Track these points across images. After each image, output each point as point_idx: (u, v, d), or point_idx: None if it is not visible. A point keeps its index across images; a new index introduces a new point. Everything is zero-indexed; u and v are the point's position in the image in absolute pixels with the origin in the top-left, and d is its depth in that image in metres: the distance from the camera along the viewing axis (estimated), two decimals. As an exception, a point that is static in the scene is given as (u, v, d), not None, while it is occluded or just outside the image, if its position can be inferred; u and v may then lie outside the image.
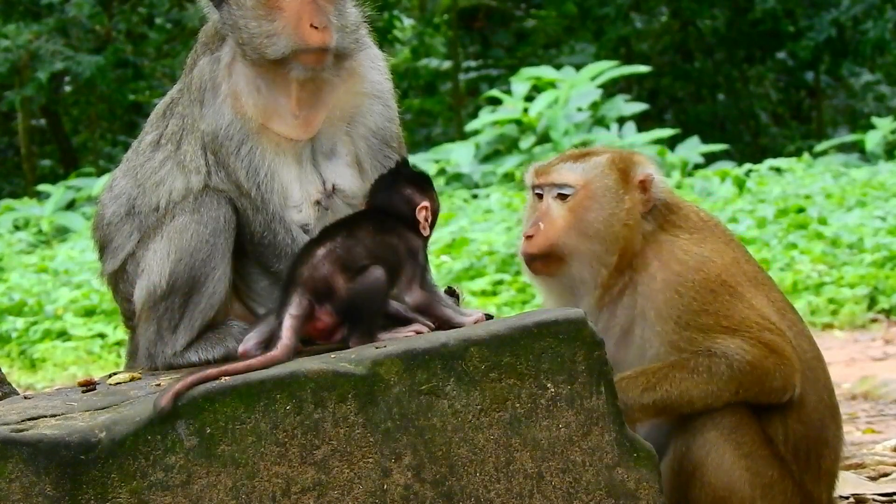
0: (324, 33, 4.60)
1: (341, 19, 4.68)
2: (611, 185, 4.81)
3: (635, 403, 4.57)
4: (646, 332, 4.69)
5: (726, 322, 4.65)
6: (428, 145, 26.33)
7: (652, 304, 4.69)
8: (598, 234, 4.76)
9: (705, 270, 4.71)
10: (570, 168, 4.84)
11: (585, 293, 4.78)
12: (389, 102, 4.84)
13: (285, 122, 4.70)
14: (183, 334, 4.69)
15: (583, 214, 4.77)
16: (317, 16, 4.60)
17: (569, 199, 4.79)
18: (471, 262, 15.22)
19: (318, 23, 4.60)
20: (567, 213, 4.78)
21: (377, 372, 4.07)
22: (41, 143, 31.85)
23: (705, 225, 4.91)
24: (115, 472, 3.88)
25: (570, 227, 4.77)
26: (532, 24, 34.74)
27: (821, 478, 4.80)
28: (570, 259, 4.77)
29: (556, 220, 4.79)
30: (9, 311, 14.95)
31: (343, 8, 4.71)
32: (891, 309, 13.43)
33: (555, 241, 4.76)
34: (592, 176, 4.81)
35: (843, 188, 18.77)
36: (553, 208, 4.81)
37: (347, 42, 4.69)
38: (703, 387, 4.59)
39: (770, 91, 34.00)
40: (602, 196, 4.79)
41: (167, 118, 4.87)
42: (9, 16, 28.06)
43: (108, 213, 4.88)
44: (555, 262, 4.78)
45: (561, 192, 4.81)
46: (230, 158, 4.68)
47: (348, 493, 4.02)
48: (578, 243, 4.76)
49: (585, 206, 4.78)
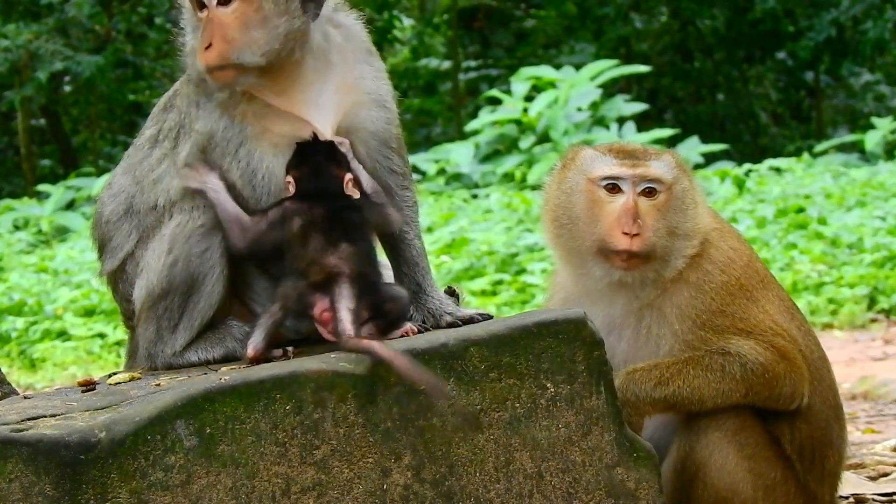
0: (207, 53, 4.53)
1: (248, 32, 4.54)
2: (685, 184, 4.81)
3: (647, 397, 4.57)
4: (663, 328, 4.70)
5: (742, 324, 4.66)
6: (428, 145, 26.34)
7: (674, 301, 4.69)
8: (684, 231, 4.74)
9: (728, 272, 4.72)
10: (659, 163, 4.77)
11: (648, 291, 4.74)
12: (389, 105, 4.82)
13: (286, 126, 4.68)
14: (182, 334, 4.69)
15: (671, 213, 4.74)
16: (203, 36, 4.54)
17: (656, 198, 4.74)
18: (470, 262, 15.21)
19: (201, 44, 4.54)
20: (656, 212, 4.73)
21: (377, 372, 4.07)
22: (41, 143, 31.86)
23: (719, 221, 4.93)
24: (115, 472, 3.88)
25: (662, 227, 4.71)
26: (532, 24, 34.76)
27: (824, 478, 4.80)
28: (658, 257, 4.72)
29: (651, 218, 4.71)
30: (8, 311, 14.95)
31: (251, 20, 4.55)
32: (890, 309, 13.43)
33: (654, 240, 4.70)
34: (673, 175, 4.78)
35: (843, 188, 18.77)
36: (643, 206, 4.72)
37: (252, 55, 4.52)
38: (714, 385, 4.59)
39: (770, 91, 34.01)
40: (682, 196, 4.78)
41: (167, 112, 4.86)
42: (9, 16, 28.06)
43: (107, 212, 4.88)
44: (647, 261, 4.71)
45: (651, 188, 4.74)
46: (226, 159, 4.67)
47: (348, 492, 4.02)
48: (668, 242, 4.72)
49: (672, 205, 4.75)
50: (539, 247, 15.18)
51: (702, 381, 4.58)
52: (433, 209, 18.63)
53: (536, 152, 21.51)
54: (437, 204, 19.46)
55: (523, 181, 20.64)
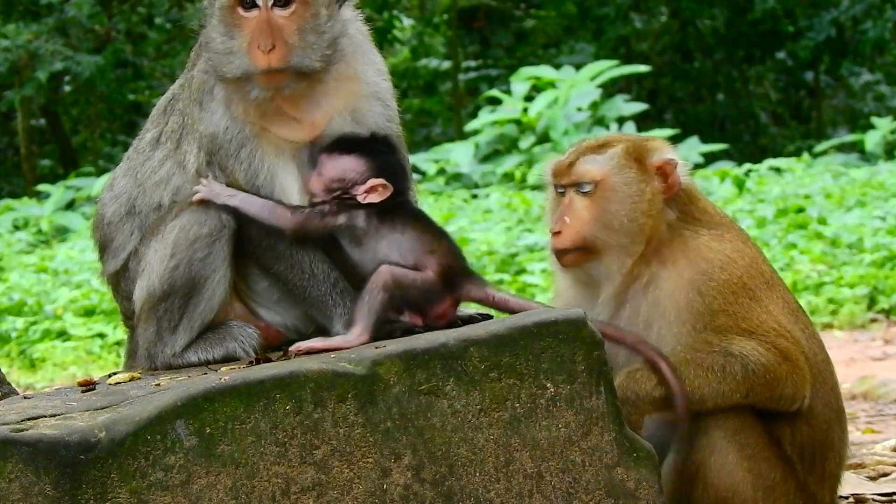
0: (269, 56, 4.52)
1: (305, 36, 4.56)
2: (629, 175, 4.80)
3: (647, 396, 4.57)
4: (663, 329, 4.69)
5: (744, 324, 4.65)
6: (427, 145, 26.34)
7: (673, 302, 4.69)
8: (622, 225, 4.76)
9: (729, 271, 4.71)
10: (588, 162, 4.83)
11: (609, 284, 4.78)
12: (389, 103, 4.83)
13: (287, 126, 4.69)
14: (182, 335, 4.69)
15: (605, 206, 4.77)
16: (262, 38, 4.52)
17: (590, 193, 4.80)
18: (470, 262, 15.19)
19: (263, 45, 4.52)
20: (590, 205, 4.78)
21: (377, 372, 4.07)
22: (41, 143, 31.84)
23: (722, 220, 4.92)
24: (115, 471, 3.88)
25: (595, 219, 4.77)
26: (532, 24, 34.74)
27: (825, 480, 4.80)
28: (599, 250, 4.77)
29: (581, 214, 4.78)
30: (8, 311, 14.95)
31: (307, 25, 4.57)
32: (890, 309, 13.43)
33: (582, 234, 4.77)
34: (609, 168, 4.80)
35: (843, 188, 18.77)
36: (576, 202, 4.80)
37: (311, 60, 4.56)
38: (715, 386, 4.59)
39: (770, 91, 34.01)
40: (621, 187, 4.79)
41: (168, 114, 4.86)
42: (8, 16, 28.05)
43: (109, 213, 4.88)
44: (584, 255, 4.79)
45: (581, 189, 4.81)
46: (229, 161, 4.67)
47: (348, 492, 4.02)
48: (605, 235, 4.76)
49: (607, 198, 4.78)
50: (539, 247, 15.19)
51: (702, 381, 4.58)
52: (433, 209, 18.62)
53: (536, 152, 21.51)
54: (437, 204, 19.46)
55: (523, 181, 20.65)
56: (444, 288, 4.47)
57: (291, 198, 4.68)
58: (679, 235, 4.78)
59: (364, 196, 4.55)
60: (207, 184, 4.62)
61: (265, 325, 4.78)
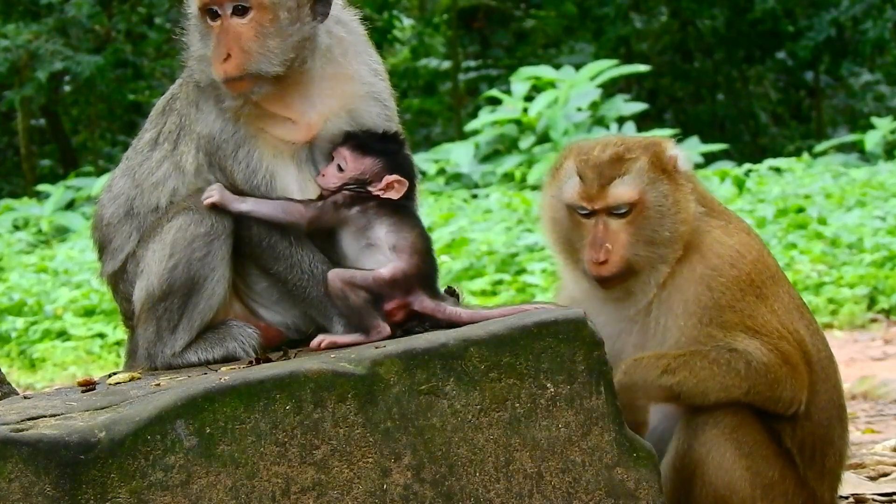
0: (225, 65, 4.54)
1: (265, 42, 4.55)
2: (663, 188, 4.76)
3: (652, 384, 4.57)
4: (669, 321, 4.70)
5: (749, 322, 4.65)
6: (427, 145, 26.32)
7: (682, 296, 4.69)
8: (664, 238, 4.73)
9: (738, 267, 4.71)
10: (621, 185, 4.74)
11: (644, 297, 4.76)
12: (387, 102, 4.83)
13: (283, 126, 4.69)
14: (182, 335, 4.69)
15: (646, 224, 4.73)
16: (218, 47, 4.55)
17: (625, 214, 4.74)
18: (470, 262, 15.21)
19: (217, 55, 4.55)
20: (628, 227, 4.72)
21: (377, 372, 4.07)
22: (41, 143, 31.85)
23: (726, 212, 4.91)
24: (115, 471, 3.88)
25: (638, 239, 4.72)
26: (531, 23, 34.75)
27: (824, 476, 4.80)
28: (641, 268, 4.74)
29: (621, 238, 4.72)
30: (8, 311, 14.95)
31: (267, 30, 4.56)
32: (890, 309, 13.43)
33: (626, 257, 4.72)
34: (643, 186, 4.74)
35: (843, 188, 18.77)
36: (612, 226, 4.73)
37: (270, 65, 4.54)
38: (719, 379, 4.59)
39: (769, 91, 34.02)
40: (660, 201, 4.75)
41: (166, 115, 4.86)
42: (8, 16, 28.06)
43: (108, 214, 4.88)
44: (627, 276, 4.75)
45: (615, 212, 4.75)
46: (227, 161, 4.67)
47: (348, 492, 4.02)
48: (648, 252, 4.73)
49: (646, 217, 4.73)
50: (539, 247, 15.19)
51: (707, 373, 4.58)
52: (433, 209, 18.62)
53: (536, 152, 21.51)
54: (437, 204, 19.46)
55: (523, 181, 20.65)
56: (396, 289, 4.44)
57: (292, 197, 4.69)
58: (696, 229, 4.78)
59: (382, 192, 4.56)
60: (217, 189, 4.62)
61: (265, 324, 4.78)
